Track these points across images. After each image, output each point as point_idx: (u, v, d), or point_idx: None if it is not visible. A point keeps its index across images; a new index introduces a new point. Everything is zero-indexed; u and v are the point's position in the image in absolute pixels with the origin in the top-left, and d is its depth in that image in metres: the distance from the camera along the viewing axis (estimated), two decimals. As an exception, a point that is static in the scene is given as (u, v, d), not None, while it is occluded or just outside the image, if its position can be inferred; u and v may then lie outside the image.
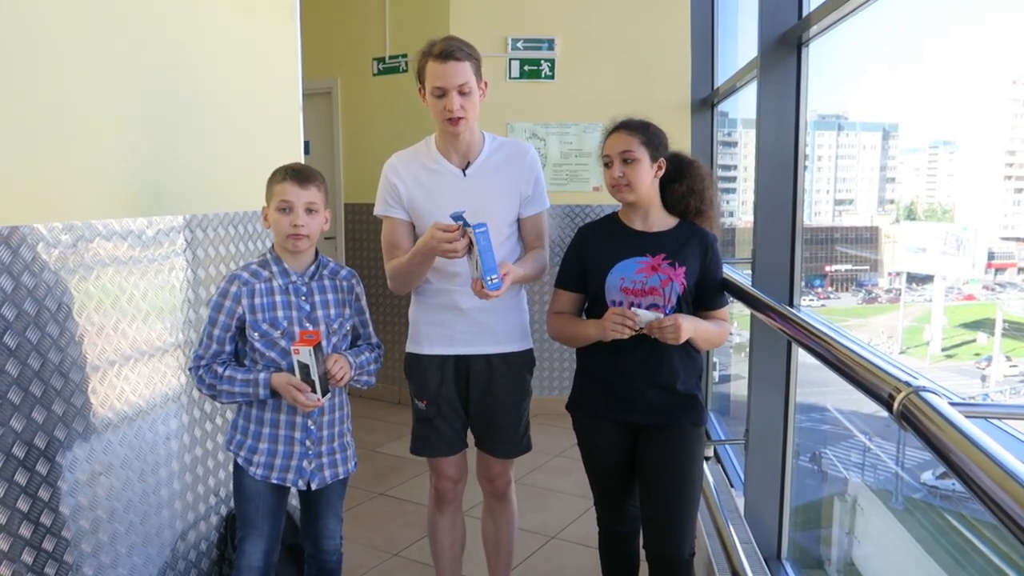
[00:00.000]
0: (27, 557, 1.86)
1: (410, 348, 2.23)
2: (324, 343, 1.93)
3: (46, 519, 1.91)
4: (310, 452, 1.99)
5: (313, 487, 2.01)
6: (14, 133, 1.82)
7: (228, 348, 1.94)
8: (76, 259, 1.98)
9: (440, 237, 1.89)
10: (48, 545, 1.92)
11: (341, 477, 2.07)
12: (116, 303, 2.11)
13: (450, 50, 1.99)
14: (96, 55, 2.02)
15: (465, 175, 2.13)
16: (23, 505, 1.85)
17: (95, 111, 2.02)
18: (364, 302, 2.11)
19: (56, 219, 1.92)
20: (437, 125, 2.10)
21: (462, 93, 2.01)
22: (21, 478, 1.84)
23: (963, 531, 2.56)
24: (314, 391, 1.86)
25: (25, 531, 1.85)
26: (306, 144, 4.15)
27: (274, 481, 1.98)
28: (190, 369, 1.96)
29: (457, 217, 1.89)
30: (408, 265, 2.08)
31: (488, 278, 1.88)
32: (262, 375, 1.90)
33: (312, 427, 1.99)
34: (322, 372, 1.86)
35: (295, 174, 1.92)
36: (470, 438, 2.27)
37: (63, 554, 1.96)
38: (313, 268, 2.00)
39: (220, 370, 1.91)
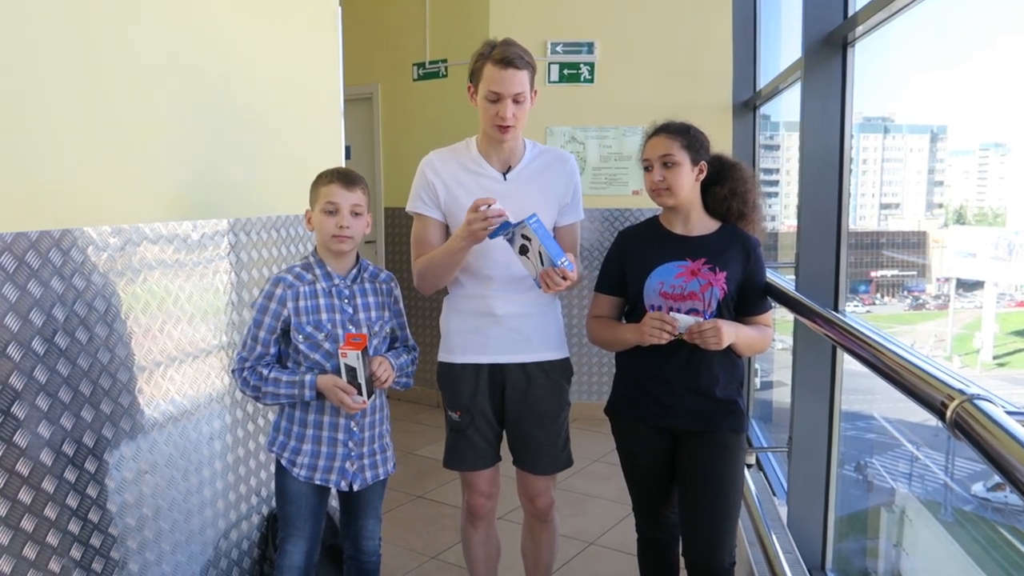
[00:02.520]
0: (75, 553, 1.90)
1: (442, 357, 2.18)
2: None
3: (94, 516, 1.95)
4: (352, 453, 2.01)
5: (355, 488, 2.03)
6: (67, 140, 1.87)
7: (272, 350, 1.96)
8: (124, 262, 2.03)
9: (477, 204, 1.87)
10: (96, 541, 1.96)
11: (381, 478, 2.08)
12: (162, 305, 2.15)
13: (510, 57, 1.96)
14: (145, 65, 2.06)
15: (505, 179, 2.12)
16: (72, 502, 1.89)
17: (143, 119, 2.06)
18: (402, 305, 2.12)
19: (105, 223, 1.97)
20: (483, 127, 2.07)
21: (516, 102, 1.99)
22: (70, 475, 1.89)
23: (1017, 545, 2.48)
24: (359, 393, 1.88)
25: (74, 527, 1.90)
26: (347, 149, 4.20)
27: (317, 482, 2.00)
28: (233, 371, 1.99)
29: (503, 227, 1.88)
30: (443, 255, 2.03)
31: (560, 262, 1.85)
32: (308, 377, 1.92)
33: (355, 428, 2.00)
34: (367, 375, 1.88)
35: (341, 177, 1.93)
36: (506, 453, 2.23)
37: (110, 550, 2.00)
38: (355, 271, 2.01)
39: (265, 372, 1.93)
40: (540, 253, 1.86)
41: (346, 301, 1.98)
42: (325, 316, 1.95)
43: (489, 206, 1.87)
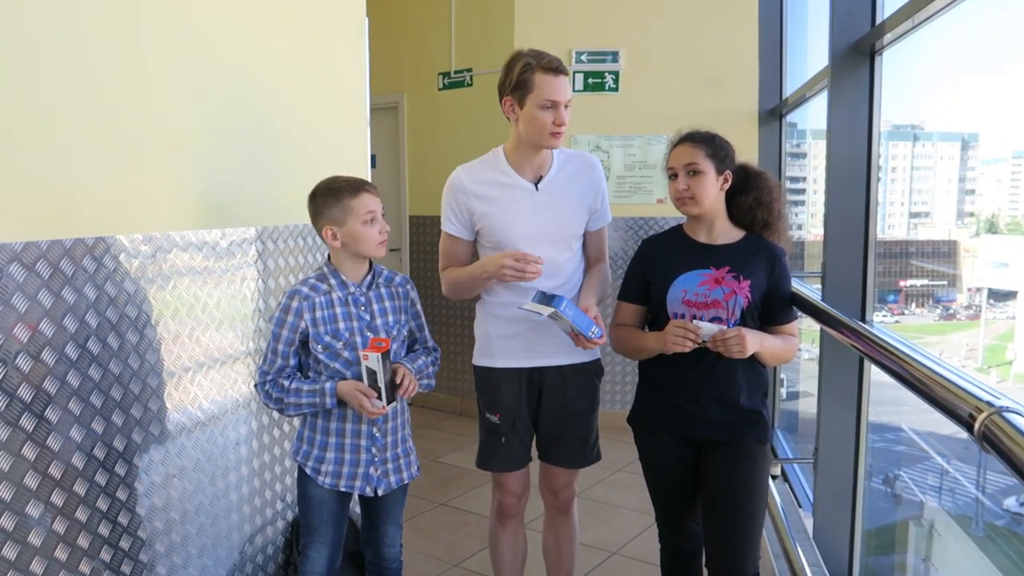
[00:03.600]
0: (105, 555, 1.94)
1: (481, 362, 2.21)
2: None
3: (123, 519, 1.99)
4: (376, 459, 2.02)
5: (380, 493, 2.04)
6: (100, 151, 1.91)
7: (293, 362, 1.98)
8: (155, 269, 2.06)
9: (511, 264, 1.97)
10: (125, 544, 1.99)
11: (406, 481, 2.10)
12: (191, 312, 2.19)
13: (558, 64, 2.03)
14: (175, 77, 2.10)
15: (537, 189, 2.13)
16: (102, 505, 1.93)
17: (173, 129, 2.10)
18: (419, 307, 2.14)
19: (137, 231, 2.01)
20: (523, 138, 2.08)
21: (566, 107, 2.05)
22: (101, 479, 1.92)
23: (1050, 561, 2.42)
24: (380, 398, 1.89)
25: (104, 530, 1.93)
26: (372, 158, 4.24)
27: (343, 489, 2.02)
28: (256, 385, 2.01)
29: (540, 298, 1.95)
30: (468, 279, 2.14)
31: (589, 332, 1.96)
32: (328, 384, 1.93)
33: (377, 434, 2.02)
34: (388, 380, 1.89)
35: (367, 185, 1.96)
36: (533, 451, 2.26)
37: (138, 553, 2.03)
38: (369, 278, 2.03)
39: (286, 383, 1.96)
40: (571, 327, 1.96)
41: (362, 308, 2.00)
42: (343, 325, 1.97)
43: (528, 263, 1.98)
